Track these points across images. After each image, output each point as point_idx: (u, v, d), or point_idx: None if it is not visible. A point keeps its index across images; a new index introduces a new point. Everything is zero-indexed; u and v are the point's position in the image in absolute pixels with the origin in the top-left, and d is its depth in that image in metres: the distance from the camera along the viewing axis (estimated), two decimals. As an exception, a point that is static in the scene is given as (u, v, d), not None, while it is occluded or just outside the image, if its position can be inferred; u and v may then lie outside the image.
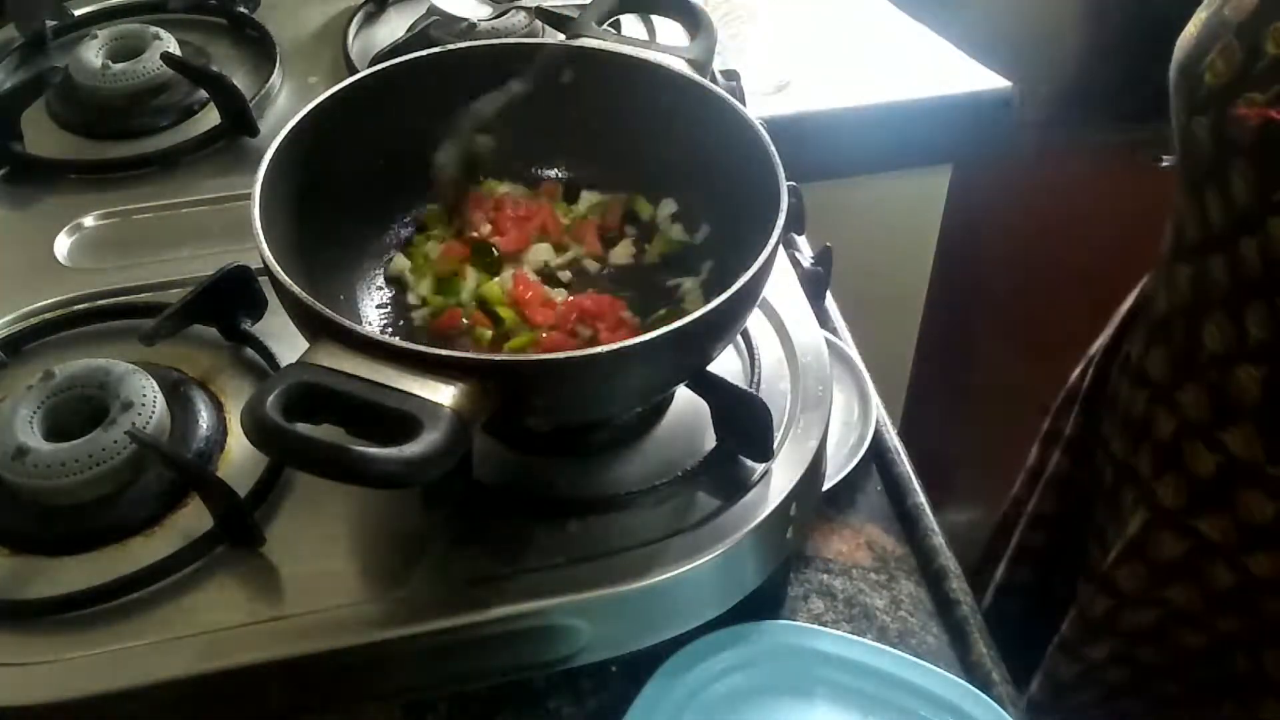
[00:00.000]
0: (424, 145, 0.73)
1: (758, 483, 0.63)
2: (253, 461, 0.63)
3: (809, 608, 0.72)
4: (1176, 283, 0.68)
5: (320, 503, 0.62)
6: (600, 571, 0.59)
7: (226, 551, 0.60)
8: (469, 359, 0.53)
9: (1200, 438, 0.68)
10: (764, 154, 0.65)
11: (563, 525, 0.61)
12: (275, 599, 0.59)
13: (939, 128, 1.20)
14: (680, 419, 0.67)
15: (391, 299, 0.71)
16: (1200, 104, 0.61)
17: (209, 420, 0.66)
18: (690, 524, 0.61)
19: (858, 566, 0.75)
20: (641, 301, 0.70)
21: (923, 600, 0.74)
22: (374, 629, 0.57)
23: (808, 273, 0.82)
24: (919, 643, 0.71)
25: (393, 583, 0.59)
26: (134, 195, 0.84)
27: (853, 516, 0.78)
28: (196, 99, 0.92)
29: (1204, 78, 0.61)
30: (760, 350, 0.70)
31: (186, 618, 0.58)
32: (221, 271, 0.70)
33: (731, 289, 0.57)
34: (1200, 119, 0.62)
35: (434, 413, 0.50)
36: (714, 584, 0.62)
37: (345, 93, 0.69)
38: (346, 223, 0.70)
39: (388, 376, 0.51)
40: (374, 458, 0.48)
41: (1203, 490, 0.69)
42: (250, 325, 0.71)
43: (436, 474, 0.49)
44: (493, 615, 0.58)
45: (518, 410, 0.56)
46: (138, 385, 0.64)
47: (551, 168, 0.77)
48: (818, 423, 0.66)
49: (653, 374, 0.59)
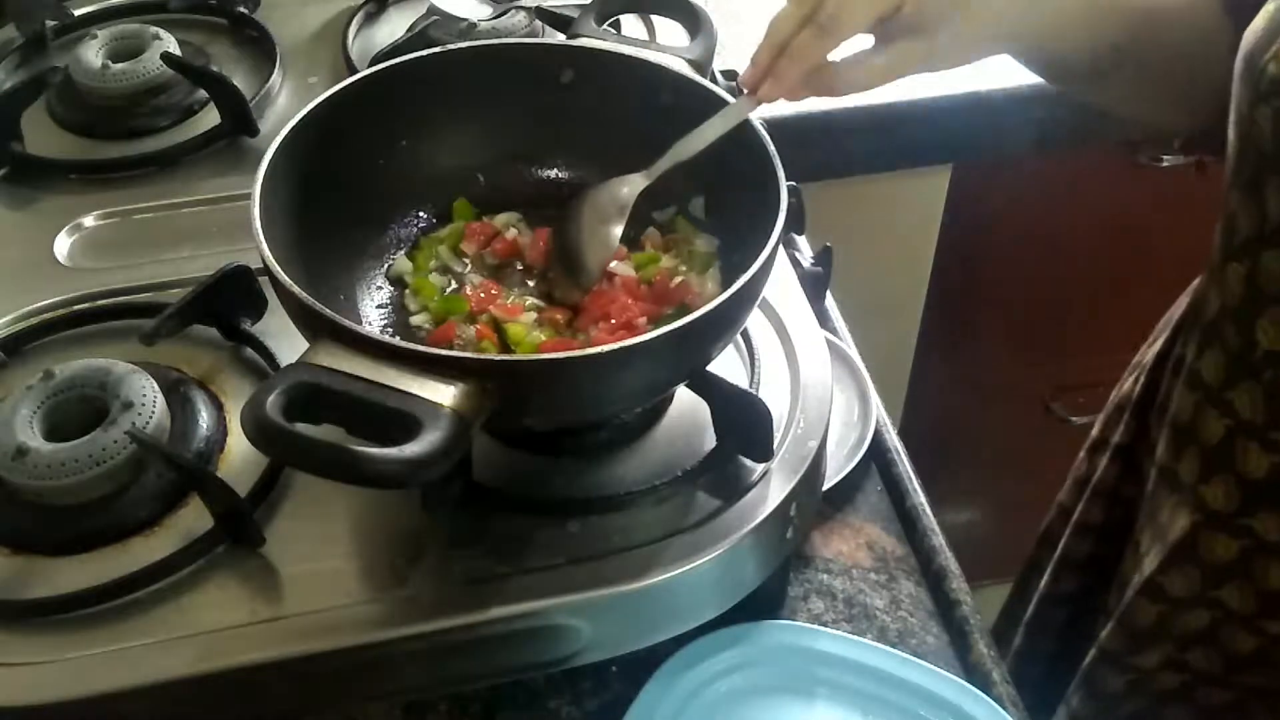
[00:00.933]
0: (424, 145, 0.74)
1: (758, 483, 0.63)
2: (253, 461, 0.64)
3: (809, 607, 0.72)
4: (1228, 282, 0.67)
5: (320, 503, 0.62)
6: (600, 571, 0.59)
7: (226, 551, 0.60)
8: (469, 359, 0.53)
9: (1255, 438, 0.68)
10: (764, 154, 0.65)
11: (562, 525, 0.61)
12: (275, 599, 0.59)
13: (939, 127, 1.20)
14: (680, 419, 0.67)
15: (392, 299, 0.71)
16: (1264, 93, 0.62)
17: (209, 420, 0.66)
18: (690, 524, 0.61)
19: (858, 566, 0.75)
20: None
21: (923, 600, 0.74)
22: (374, 629, 0.57)
23: (808, 273, 0.82)
24: (919, 643, 0.71)
25: (393, 583, 0.59)
26: (134, 195, 0.84)
27: (852, 516, 0.78)
28: (196, 99, 0.92)
29: (1268, 68, 0.61)
30: (760, 350, 0.70)
31: (186, 618, 0.58)
32: (221, 271, 0.70)
33: (731, 288, 0.57)
34: (1263, 108, 0.62)
35: (434, 413, 0.50)
36: (714, 584, 0.62)
37: (345, 93, 0.69)
38: (347, 222, 0.70)
39: (388, 376, 0.51)
40: (374, 458, 0.48)
41: (1256, 491, 0.69)
42: (250, 325, 0.71)
43: (436, 474, 0.49)
44: (492, 615, 0.58)
45: (517, 410, 0.56)
46: (138, 385, 0.64)
47: (550, 168, 0.77)
48: (818, 423, 0.66)
49: (652, 374, 0.59)
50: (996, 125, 1.21)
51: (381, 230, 0.74)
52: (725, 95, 0.69)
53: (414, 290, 0.70)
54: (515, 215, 0.75)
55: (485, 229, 0.73)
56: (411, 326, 0.69)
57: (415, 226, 0.75)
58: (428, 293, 0.70)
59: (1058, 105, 1.20)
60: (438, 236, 0.73)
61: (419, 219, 0.75)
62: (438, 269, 0.72)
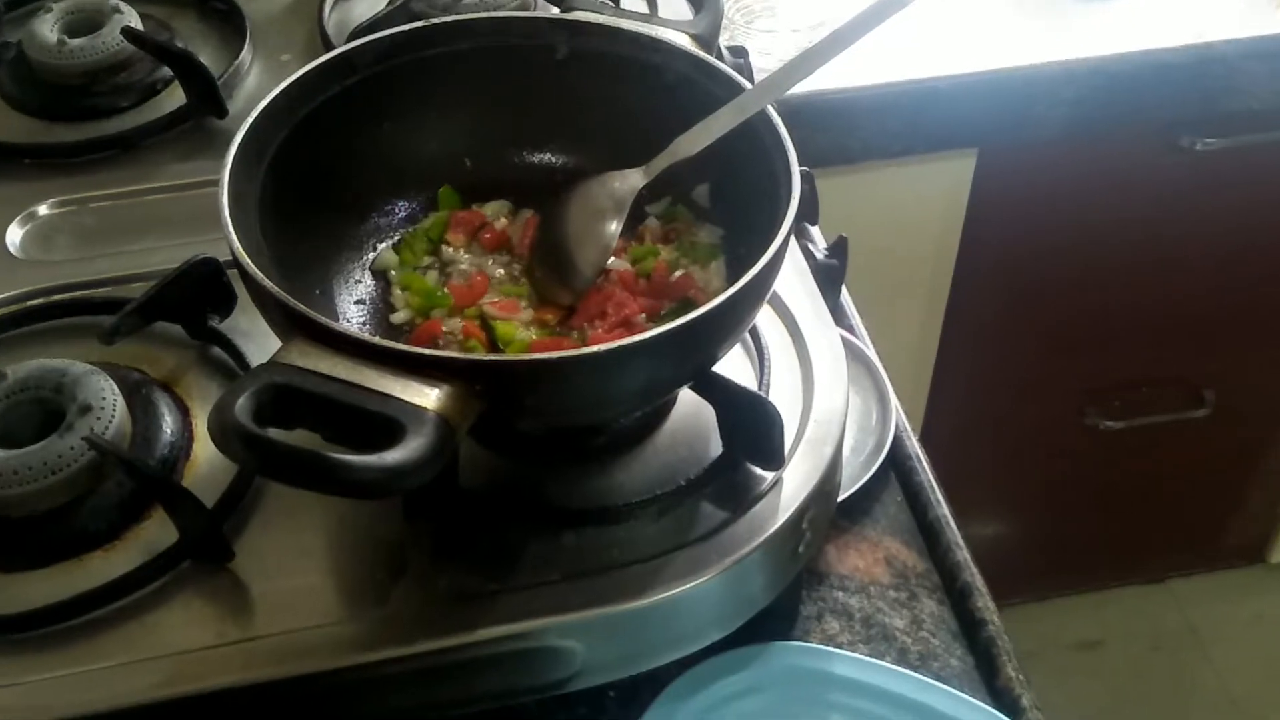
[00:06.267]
0: (407, 127, 0.73)
1: (767, 493, 0.63)
2: (220, 470, 0.63)
3: (823, 628, 0.72)
4: None
5: (294, 514, 0.62)
6: (597, 588, 0.59)
7: (192, 567, 0.60)
8: (456, 359, 0.53)
9: None
10: (774, 137, 0.65)
11: (556, 538, 0.61)
12: (245, 619, 0.59)
13: (963, 109, 1.20)
14: (683, 423, 0.67)
15: (372, 294, 0.71)
16: None
17: (173, 425, 0.66)
18: (694, 537, 0.61)
19: (876, 583, 0.75)
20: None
21: (946, 620, 0.74)
22: (352, 651, 0.57)
23: (821, 265, 0.82)
24: (942, 665, 0.71)
25: (372, 601, 0.59)
26: (92, 181, 0.84)
27: (870, 529, 0.78)
28: (160, 77, 0.92)
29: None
30: (770, 349, 0.70)
31: (150, 639, 0.58)
32: (187, 264, 0.70)
33: (739, 283, 0.57)
34: None
35: (417, 416, 0.50)
36: (720, 602, 0.62)
37: (321, 70, 0.69)
38: (323, 211, 0.70)
39: (367, 377, 0.51)
40: (352, 465, 0.48)
41: None
42: (218, 322, 0.72)
43: (419, 482, 0.49)
44: (480, 636, 0.58)
45: (508, 414, 0.56)
46: (96, 387, 0.64)
47: (543, 153, 0.77)
48: (832, 428, 0.66)
49: (653, 375, 0.59)
50: (1025, 106, 1.22)
51: (361, 219, 0.74)
52: (737, 78, 0.69)
53: (398, 285, 0.71)
54: (505, 204, 0.75)
55: (473, 218, 0.73)
56: (393, 324, 0.69)
57: (397, 215, 0.75)
58: (413, 288, 0.70)
59: (1091, 84, 1.20)
60: (423, 226, 0.74)
61: (401, 208, 0.75)
62: (424, 263, 0.72)
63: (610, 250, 0.69)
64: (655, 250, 0.72)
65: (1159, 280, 1.46)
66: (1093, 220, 1.37)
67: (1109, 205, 1.36)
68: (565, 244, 0.70)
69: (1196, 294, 1.49)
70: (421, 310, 0.69)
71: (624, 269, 0.70)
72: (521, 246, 0.72)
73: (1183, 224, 1.40)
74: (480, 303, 0.68)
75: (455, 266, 0.72)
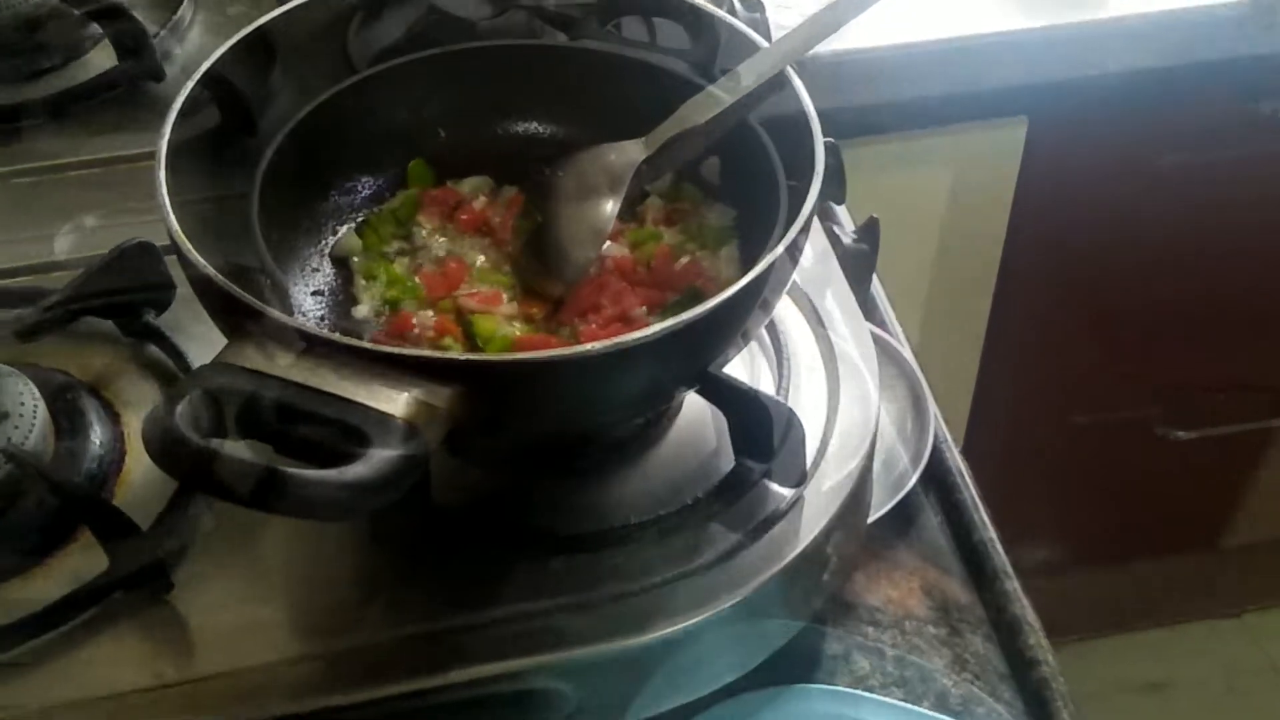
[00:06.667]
0: (372, 90, 0.74)
1: (786, 512, 0.63)
2: (157, 487, 0.64)
3: (851, 668, 0.72)
4: None
5: (243, 538, 0.62)
6: (591, 622, 0.59)
7: (126, 598, 0.60)
8: (429, 358, 0.53)
9: None
10: (795, 104, 0.65)
11: (544, 564, 0.61)
12: (186, 658, 0.59)
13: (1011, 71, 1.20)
14: (690, 433, 0.68)
15: (332, 284, 0.71)
16: None
17: (102, 435, 0.66)
18: (702, 564, 0.62)
19: (911, 617, 0.75)
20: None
21: (992, 659, 0.74)
22: (307, 694, 0.57)
23: (849, 251, 0.82)
24: (988, 711, 0.71)
25: (333, 637, 0.59)
26: (10, 154, 0.84)
27: (905, 555, 0.78)
28: (88, 34, 0.92)
29: None
30: (790, 347, 0.70)
31: (76, 680, 0.58)
32: (119, 249, 0.70)
33: (754, 270, 0.57)
34: None
35: (383, 425, 0.50)
36: (732, 639, 0.62)
37: (272, 27, 0.69)
38: (275, 188, 0.70)
39: (326, 380, 0.51)
40: (308, 481, 0.48)
41: None
42: (154, 317, 0.72)
43: (386, 501, 0.49)
44: (456, 678, 0.58)
45: (488, 422, 0.56)
46: (14, 391, 0.64)
47: (528, 121, 0.77)
48: (861, 438, 0.66)
49: (655, 377, 0.59)
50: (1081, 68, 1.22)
51: (319, 199, 0.74)
52: (752, 35, 0.69)
53: (363, 274, 0.71)
54: (485, 180, 0.75)
55: (447, 196, 0.74)
56: (356, 318, 0.69)
57: (360, 194, 0.75)
58: (379, 277, 0.70)
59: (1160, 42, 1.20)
60: (390, 206, 0.74)
61: (365, 184, 0.75)
62: (392, 248, 0.72)
63: (606, 234, 0.69)
64: (658, 234, 0.72)
65: (1239, 268, 1.46)
66: (1160, 199, 1.37)
67: (1179, 182, 1.36)
68: (554, 227, 0.70)
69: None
70: (389, 302, 0.69)
71: (621, 255, 0.70)
72: (503, 229, 0.72)
73: (1264, 205, 1.40)
74: (456, 294, 0.69)
75: (427, 252, 0.72)
